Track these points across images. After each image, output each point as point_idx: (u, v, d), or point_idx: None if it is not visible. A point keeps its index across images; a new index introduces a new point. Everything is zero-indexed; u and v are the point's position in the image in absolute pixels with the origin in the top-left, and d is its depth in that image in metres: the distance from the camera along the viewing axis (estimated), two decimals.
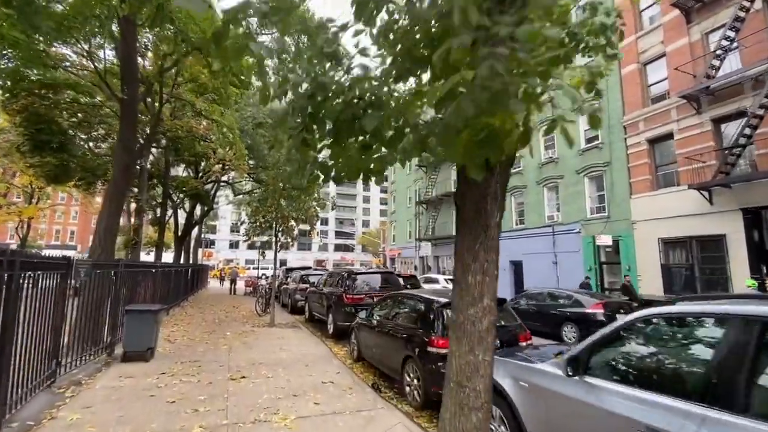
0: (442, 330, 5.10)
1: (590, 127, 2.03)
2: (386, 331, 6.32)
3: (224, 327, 11.14)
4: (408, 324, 5.87)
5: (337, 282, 10.92)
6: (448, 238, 26.58)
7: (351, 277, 10.16)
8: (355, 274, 10.22)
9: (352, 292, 9.77)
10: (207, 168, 15.93)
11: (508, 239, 21.58)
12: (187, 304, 16.87)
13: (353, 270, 10.53)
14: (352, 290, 9.82)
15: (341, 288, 10.34)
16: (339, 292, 10.27)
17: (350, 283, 10.01)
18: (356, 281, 10.06)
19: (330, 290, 10.99)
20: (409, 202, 34.41)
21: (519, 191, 21.20)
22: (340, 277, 10.97)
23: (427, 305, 5.63)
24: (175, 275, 15.19)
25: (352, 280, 10.06)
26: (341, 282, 10.55)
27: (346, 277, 10.41)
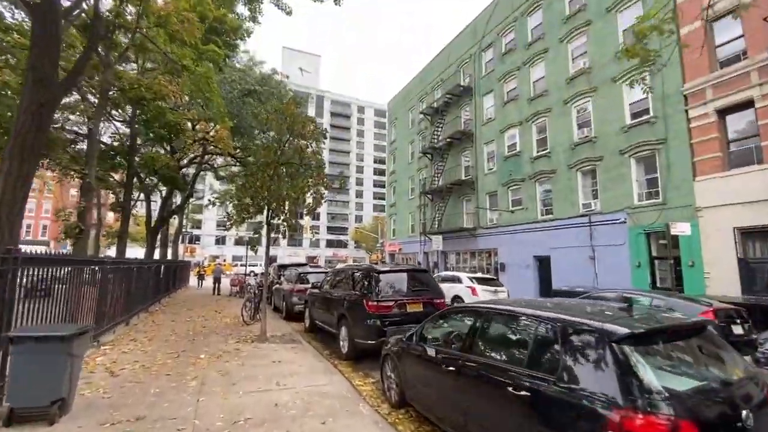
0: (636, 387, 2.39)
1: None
2: (473, 373, 3.58)
3: (199, 344, 8.27)
4: (529, 370, 3.12)
5: (351, 283, 8.15)
6: (458, 231, 24.00)
7: (373, 276, 7.38)
8: (379, 272, 7.45)
9: (376, 298, 7.01)
10: (182, 144, 12.96)
11: (531, 232, 19.08)
12: (159, 309, 13.90)
13: (374, 267, 7.75)
14: (375, 295, 7.06)
15: (359, 291, 7.58)
16: (356, 297, 7.51)
17: (372, 284, 7.24)
18: (380, 282, 7.29)
19: (342, 294, 8.22)
20: (411, 193, 31.72)
21: (545, 177, 18.64)
22: (354, 275, 8.19)
23: (577, 333, 2.91)
24: (140, 274, 12.22)
25: (374, 281, 7.29)
26: (358, 283, 7.78)
27: (364, 275, 7.64)
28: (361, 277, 7.72)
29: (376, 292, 7.10)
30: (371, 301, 6.97)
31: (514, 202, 20.60)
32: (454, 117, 25.75)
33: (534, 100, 19.63)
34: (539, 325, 3.24)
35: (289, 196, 8.76)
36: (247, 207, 9.45)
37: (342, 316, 7.90)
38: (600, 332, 2.75)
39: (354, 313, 7.40)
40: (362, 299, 7.17)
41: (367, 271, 7.59)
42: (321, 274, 13.84)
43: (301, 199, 9.10)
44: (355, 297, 7.54)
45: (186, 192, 16.27)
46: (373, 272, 7.44)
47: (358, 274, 8.05)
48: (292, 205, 9.22)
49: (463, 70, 25.74)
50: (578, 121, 17.28)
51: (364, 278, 7.58)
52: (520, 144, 20.35)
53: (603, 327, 2.77)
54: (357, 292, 7.63)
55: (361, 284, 7.59)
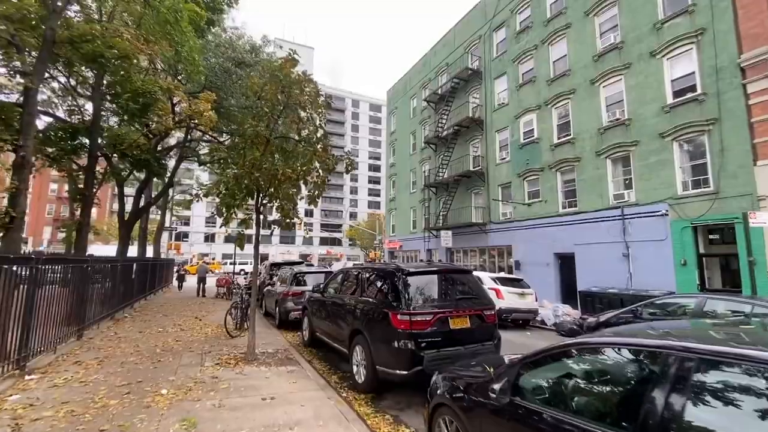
0: None
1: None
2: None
3: (164, 369, 6.22)
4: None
5: (369, 286, 6.16)
6: (466, 226, 22.12)
7: (400, 278, 5.39)
8: (408, 272, 5.46)
9: (407, 309, 5.03)
10: (156, 118, 10.81)
11: (551, 227, 17.26)
12: (128, 316, 11.76)
13: (400, 265, 5.74)
14: (406, 304, 5.08)
15: (381, 298, 5.60)
16: (377, 307, 5.53)
17: (401, 290, 5.25)
18: (410, 287, 5.31)
19: (355, 302, 6.23)
20: (413, 186, 29.79)
21: (568, 166, 16.81)
22: (373, 277, 6.20)
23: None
24: (103, 274, 10.10)
25: (402, 285, 5.30)
26: (380, 287, 5.80)
27: (389, 277, 5.66)
28: (384, 279, 5.73)
29: (406, 300, 5.12)
30: (401, 314, 4.99)
31: (530, 194, 18.77)
32: (462, 103, 23.83)
33: (554, 82, 17.79)
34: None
35: (286, 176, 6.72)
36: (234, 193, 7.40)
37: (356, 332, 5.91)
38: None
39: (375, 330, 5.41)
40: (387, 310, 5.18)
41: (392, 272, 5.60)
42: (321, 274, 11.85)
43: (301, 180, 7.07)
44: (375, 307, 5.56)
45: (164, 179, 14.01)
46: (401, 273, 5.45)
47: (378, 274, 6.05)
48: (289, 188, 7.19)
49: (472, 52, 23.82)
50: (608, 102, 15.45)
51: (387, 281, 5.59)
52: (538, 130, 18.50)
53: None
54: (378, 299, 5.65)
55: (385, 289, 5.60)
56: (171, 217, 29.93)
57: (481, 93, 22.64)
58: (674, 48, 13.35)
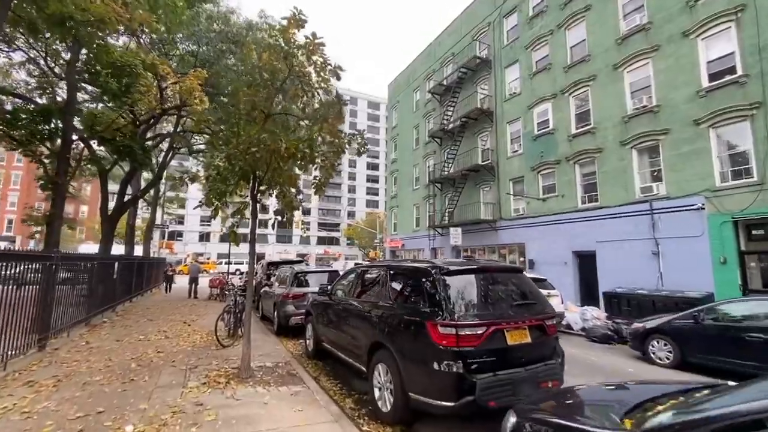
0: None
1: None
2: None
3: (136, 392, 4.97)
4: None
5: (391, 287, 4.94)
6: (474, 223, 20.95)
7: (437, 278, 4.17)
8: (448, 271, 4.23)
9: (452, 318, 3.81)
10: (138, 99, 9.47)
11: (569, 223, 16.13)
12: (107, 321, 10.47)
13: (436, 263, 4.49)
14: (449, 313, 3.86)
15: (412, 304, 4.40)
16: (407, 315, 4.32)
17: (440, 293, 4.03)
18: (451, 290, 4.09)
19: (376, 307, 5.00)
20: (416, 183, 28.59)
21: (588, 157, 15.66)
22: (400, 277, 4.98)
23: None
24: (78, 273, 8.83)
25: (441, 287, 4.08)
26: (410, 290, 4.59)
27: (423, 277, 4.44)
28: (416, 279, 4.51)
29: (448, 307, 3.90)
30: (444, 325, 3.77)
31: (545, 188, 17.62)
32: (470, 94, 22.66)
33: (572, 68, 16.65)
34: None
35: (290, 152, 5.49)
36: (225, 178, 6.16)
37: (378, 346, 4.70)
38: None
39: (406, 345, 4.20)
40: (423, 320, 3.97)
41: (426, 270, 4.37)
42: (324, 273, 10.63)
43: (307, 159, 5.83)
44: (406, 315, 4.34)
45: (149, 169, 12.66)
46: (439, 271, 4.23)
47: (407, 273, 4.83)
48: (291, 169, 5.98)
49: (480, 40, 22.65)
50: (633, 88, 14.32)
51: (421, 282, 4.37)
52: (554, 120, 17.36)
53: None
54: (408, 305, 4.43)
55: (418, 292, 4.38)
56: (162, 214, 28.56)
57: (491, 83, 21.48)
58: (710, 27, 12.23)
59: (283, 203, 6.29)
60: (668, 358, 7.39)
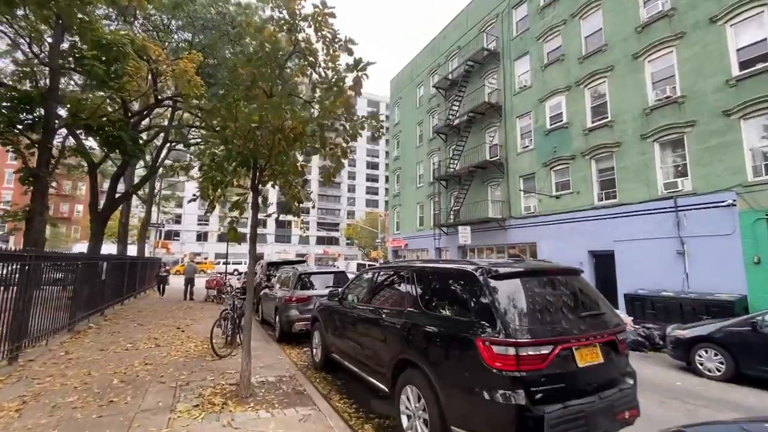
0: None
1: None
2: None
3: (113, 418, 4.13)
4: None
5: (423, 293, 4.10)
6: (482, 222, 20.15)
7: (485, 283, 3.34)
8: (496, 274, 3.40)
9: (509, 335, 2.98)
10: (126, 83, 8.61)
11: (584, 221, 15.36)
12: (93, 326, 9.60)
13: (479, 263, 3.65)
14: (504, 326, 3.03)
15: (453, 315, 3.58)
16: (447, 329, 3.50)
17: (491, 302, 3.21)
18: (504, 298, 3.26)
19: (403, 317, 4.18)
20: (420, 180, 27.78)
21: (605, 152, 14.88)
22: (430, 280, 4.15)
23: None
24: (60, 274, 8.00)
25: (490, 295, 3.26)
26: (449, 297, 3.78)
27: (463, 279, 3.62)
28: (457, 284, 3.69)
29: (503, 320, 3.08)
30: (498, 343, 2.96)
31: (559, 185, 16.84)
32: (477, 89, 21.86)
33: (587, 59, 15.87)
34: None
35: (296, 132, 4.67)
36: (222, 165, 5.34)
37: (406, 363, 3.89)
38: None
39: (447, 365, 3.38)
40: (469, 336, 3.16)
41: (469, 273, 3.55)
42: (329, 275, 9.82)
43: (318, 143, 5.01)
44: (445, 328, 3.52)
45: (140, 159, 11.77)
46: (488, 274, 3.41)
47: (443, 276, 4.00)
48: (298, 152, 5.17)
49: (488, 32, 21.86)
50: (654, 78, 13.55)
51: (463, 287, 3.56)
52: (568, 114, 16.58)
53: None
54: (449, 316, 3.61)
55: (460, 300, 3.57)
56: (158, 212, 27.68)
57: (499, 76, 20.69)
58: (739, 13, 11.47)
59: (289, 196, 5.46)
60: (719, 370, 6.60)
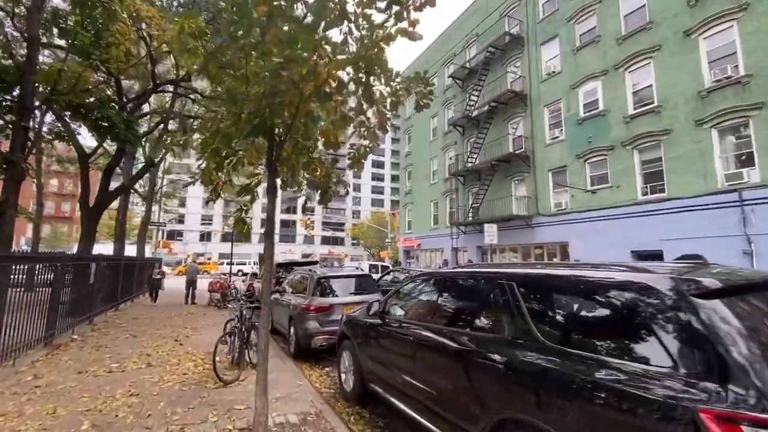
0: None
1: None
2: None
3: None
4: None
5: (531, 315, 2.67)
6: (505, 220, 18.69)
7: (703, 309, 1.91)
8: (710, 291, 1.99)
9: (763, 407, 1.55)
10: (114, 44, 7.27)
11: (625, 218, 13.91)
12: (79, 337, 8.24)
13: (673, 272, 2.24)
14: (756, 392, 1.59)
15: (628, 361, 2.13)
16: (619, 386, 2.05)
17: (721, 347, 1.77)
18: (732, 333, 1.83)
19: (495, 347, 2.74)
20: (434, 177, 26.39)
21: (651, 141, 13.42)
22: (546, 296, 2.72)
23: None
24: (33, 277, 6.68)
25: (717, 329, 1.82)
26: (611, 330, 2.33)
27: (648, 297, 2.18)
28: (630, 304, 2.24)
29: (749, 377, 1.64)
30: (754, 424, 1.52)
31: (594, 179, 15.38)
32: (498, 77, 20.43)
33: (627, 39, 14.40)
34: None
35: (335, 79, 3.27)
36: (229, 136, 3.96)
37: (518, 427, 2.45)
38: None
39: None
40: (666, 399, 1.73)
41: (657, 288, 2.11)
42: (351, 278, 8.40)
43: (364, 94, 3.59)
44: (615, 382, 2.08)
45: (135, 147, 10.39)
46: (699, 290, 1.97)
47: (589, 290, 2.54)
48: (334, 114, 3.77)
49: (511, 16, 20.41)
50: (711, 57, 12.08)
51: (640, 310, 2.13)
52: (605, 100, 15.11)
53: None
54: (616, 359, 2.17)
55: (636, 335, 2.13)
56: (159, 211, 26.41)
57: (523, 62, 19.24)
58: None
59: (318, 177, 4.06)
60: None
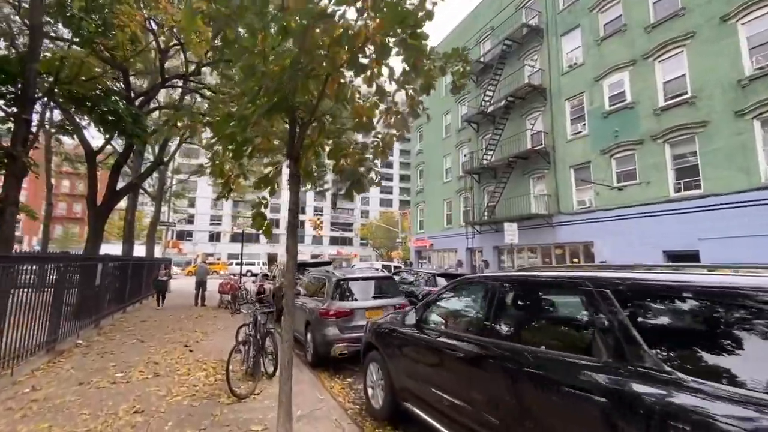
0: None
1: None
2: None
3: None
4: None
5: (642, 329, 2.06)
6: (524, 219, 17.95)
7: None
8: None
9: None
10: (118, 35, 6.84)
11: (656, 216, 13.13)
12: (84, 343, 7.77)
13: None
14: None
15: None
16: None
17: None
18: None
19: (592, 377, 2.12)
20: (447, 175, 25.71)
21: (685, 133, 12.64)
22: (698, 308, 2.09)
23: None
24: (35, 278, 6.22)
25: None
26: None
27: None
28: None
29: None
30: None
31: (621, 175, 14.61)
32: (515, 71, 19.71)
33: (657, 27, 13.62)
34: None
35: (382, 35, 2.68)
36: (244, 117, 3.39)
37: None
38: None
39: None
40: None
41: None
42: (370, 281, 7.80)
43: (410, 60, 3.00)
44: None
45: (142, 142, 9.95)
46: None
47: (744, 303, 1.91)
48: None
49: (528, 7, 19.68)
50: (752, 43, 11.28)
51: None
52: (633, 92, 14.34)
53: None
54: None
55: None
56: (169, 210, 26.13)
57: (542, 55, 18.50)
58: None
59: (351, 164, 3.48)
60: None
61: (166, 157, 18.84)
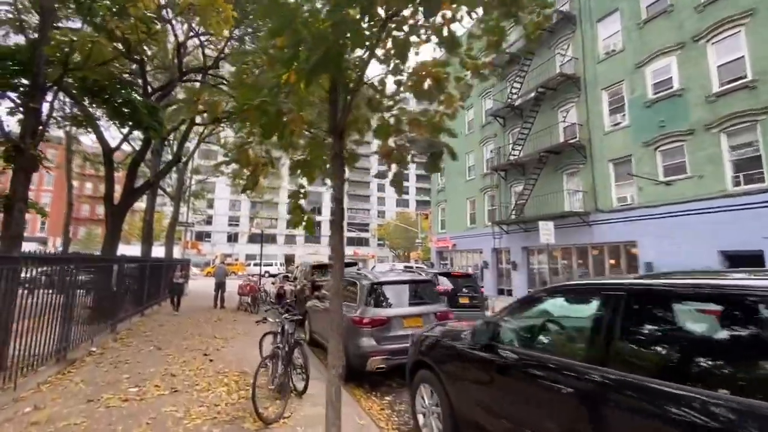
0: None
1: None
2: None
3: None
4: None
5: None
6: (557, 218, 16.83)
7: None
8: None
9: None
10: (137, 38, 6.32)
11: (709, 213, 11.95)
12: (100, 347, 7.24)
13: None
14: None
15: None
16: None
17: None
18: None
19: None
20: (470, 173, 24.73)
21: (744, 122, 11.44)
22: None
23: None
24: (42, 280, 5.69)
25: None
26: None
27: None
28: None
29: None
30: None
31: (668, 169, 13.44)
32: (545, 60, 18.66)
33: (710, 6, 12.44)
34: None
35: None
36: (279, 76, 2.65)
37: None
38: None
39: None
40: None
41: None
42: (407, 285, 7.02)
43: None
44: None
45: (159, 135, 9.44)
46: None
47: None
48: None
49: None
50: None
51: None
52: (681, 78, 13.16)
53: None
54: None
55: None
56: (188, 210, 25.94)
57: (576, 43, 17.39)
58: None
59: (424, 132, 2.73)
60: None
61: (184, 156, 18.53)
